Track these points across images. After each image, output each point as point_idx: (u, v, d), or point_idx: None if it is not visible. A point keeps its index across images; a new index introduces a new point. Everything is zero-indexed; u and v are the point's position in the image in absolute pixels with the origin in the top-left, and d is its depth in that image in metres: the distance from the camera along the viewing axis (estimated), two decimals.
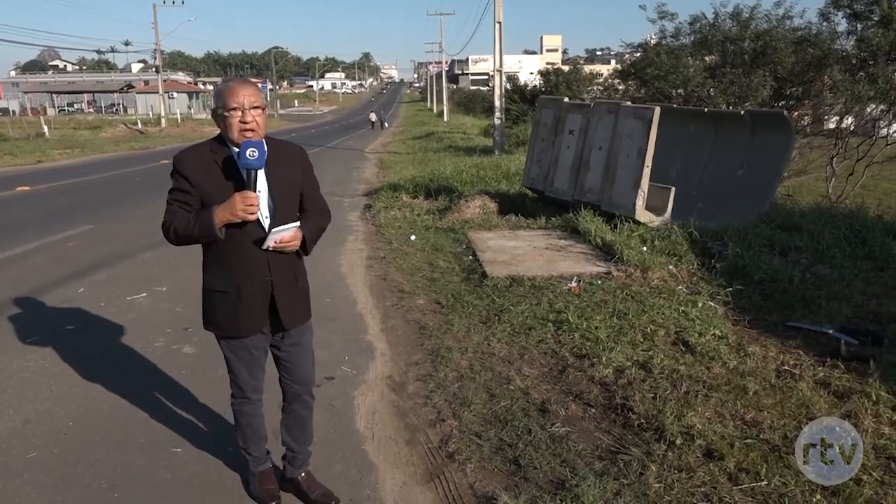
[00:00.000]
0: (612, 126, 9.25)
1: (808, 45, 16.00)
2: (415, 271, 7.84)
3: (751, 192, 9.07)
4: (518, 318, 5.80)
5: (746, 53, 16.78)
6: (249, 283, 2.90)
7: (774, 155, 9.21)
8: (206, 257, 2.96)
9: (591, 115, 9.80)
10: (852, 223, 8.23)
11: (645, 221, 8.50)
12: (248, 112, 2.74)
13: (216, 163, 2.80)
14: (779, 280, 6.42)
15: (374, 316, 6.39)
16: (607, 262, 7.33)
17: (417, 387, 4.74)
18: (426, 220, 10.99)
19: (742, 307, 5.98)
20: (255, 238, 2.85)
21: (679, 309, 5.78)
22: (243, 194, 2.73)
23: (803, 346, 5.03)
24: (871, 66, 15.20)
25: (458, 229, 9.78)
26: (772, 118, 10.14)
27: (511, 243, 8.66)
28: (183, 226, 2.77)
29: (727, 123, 10.25)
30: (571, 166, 9.99)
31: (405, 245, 9.18)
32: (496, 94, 23.51)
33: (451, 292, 6.86)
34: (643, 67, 18.98)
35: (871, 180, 18.95)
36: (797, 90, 16.73)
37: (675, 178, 9.94)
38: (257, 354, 3.07)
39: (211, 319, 3.01)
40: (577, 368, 4.80)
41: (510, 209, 10.94)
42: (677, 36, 18.47)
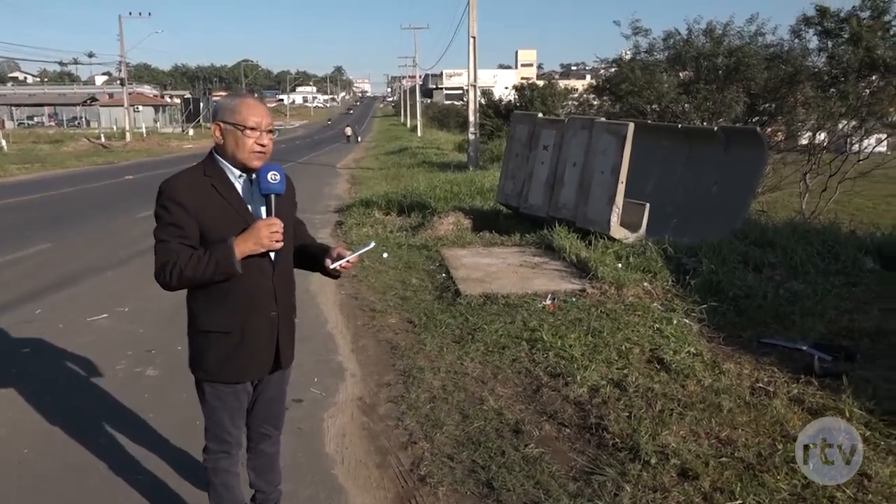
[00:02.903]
0: (586, 142, 9.37)
1: (780, 61, 16.41)
2: (387, 289, 7.82)
3: (725, 208, 9.23)
4: (492, 337, 5.82)
5: (720, 69, 17.15)
6: (256, 319, 2.68)
7: (748, 171, 9.39)
8: (199, 294, 2.65)
9: (565, 130, 9.93)
10: (825, 239, 8.41)
11: (620, 238, 8.60)
12: (265, 135, 2.60)
13: (215, 188, 2.58)
14: (753, 296, 6.54)
15: (345, 336, 6.37)
16: (582, 280, 7.39)
17: (389, 408, 4.72)
18: (399, 236, 10.99)
19: (716, 324, 6.07)
20: (264, 269, 2.66)
21: (654, 326, 5.85)
22: (268, 221, 2.54)
23: (777, 363, 5.12)
24: (842, 82, 15.61)
25: (432, 246, 9.80)
26: (745, 134, 10.36)
27: (485, 260, 8.69)
28: (193, 265, 2.48)
29: (701, 140, 10.45)
30: (546, 182, 10.08)
31: (377, 263, 9.16)
32: (470, 108, 23.68)
33: (423, 311, 6.86)
34: (618, 83, 19.27)
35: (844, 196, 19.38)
36: (770, 106, 17.11)
37: (650, 195, 10.07)
38: (243, 400, 2.82)
39: (204, 363, 2.71)
40: (551, 388, 4.83)
41: (484, 226, 10.99)
42: (651, 51, 18.83)
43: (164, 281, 2.52)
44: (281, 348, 2.79)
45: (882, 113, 16.25)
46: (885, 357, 5.28)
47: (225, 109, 2.61)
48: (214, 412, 2.80)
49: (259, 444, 3.02)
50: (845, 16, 15.57)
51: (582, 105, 25.40)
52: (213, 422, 2.82)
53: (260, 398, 2.90)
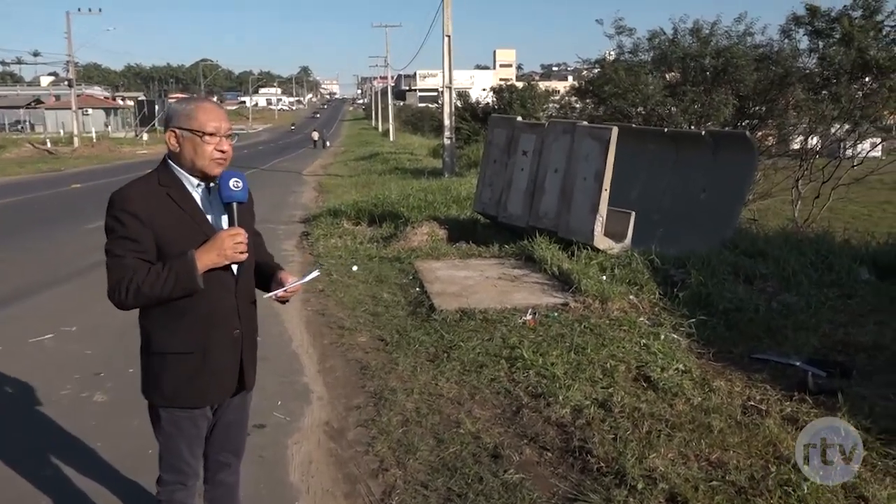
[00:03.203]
0: (568, 147, 9.44)
1: (769, 62, 16.68)
2: (356, 305, 7.80)
3: (714, 217, 9.34)
4: (469, 355, 5.82)
5: (707, 71, 17.40)
6: (218, 338, 2.67)
7: (737, 177, 9.53)
8: (153, 312, 2.61)
9: (545, 135, 10.00)
10: (819, 248, 8.54)
11: (604, 248, 8.67)
12: (225, 140, 2.60)
13: (171, 198, 2.57)
14: (744, 309, 6.62)
15: (311, 355, 6.34)
16: (564, 293, 7.43)
17: (358, 433, 4.70)
18: (369, 248, 10.98)
19: (706, 339, 6.13)
20: (227, 284, 2.66)
21: (640, 342, 5.89)
22: (232, 231, 2.54)
23: (770, 380, 5.18)
24: (834, 84, 15.93)
25: (405, 258, 9.80)
26: (734, 139, 10.52)
27: (461, 273, 8.71)
28: (151, 282, 2.46)
29: (688, 144, 10.58)
30: (525, 190, 10.14)
31: (346, 276, 9.14)
32: (446, 111, 23.79)
33: (395, 328, 6.85)
34: (601, 85, 19.46)
35: (838, 203, 19.73)
36: (760, 109, 17.38)
37: (635, 202, 10.17)
38: (202, 426, 2.77)
39: (160, 387, 2.66)
40: (532, 409, 4.83)
41: (460, 236, 11.02)
42: (636, 52, 19.03)
43: (119, 299, 2.49)
44: (245, 369, 2.77)
45: (876, 116, 16.61)
46: (881, 372, 5.37)
47: (180, 115, 2.60)
48: (170, 440, 2.75)
49: (217, 473, 2.97)
50: (836, 15, 15.89)
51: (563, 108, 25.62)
52: (168, 451, 2.77)
53: (219, 424, 2.87)
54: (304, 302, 8.01)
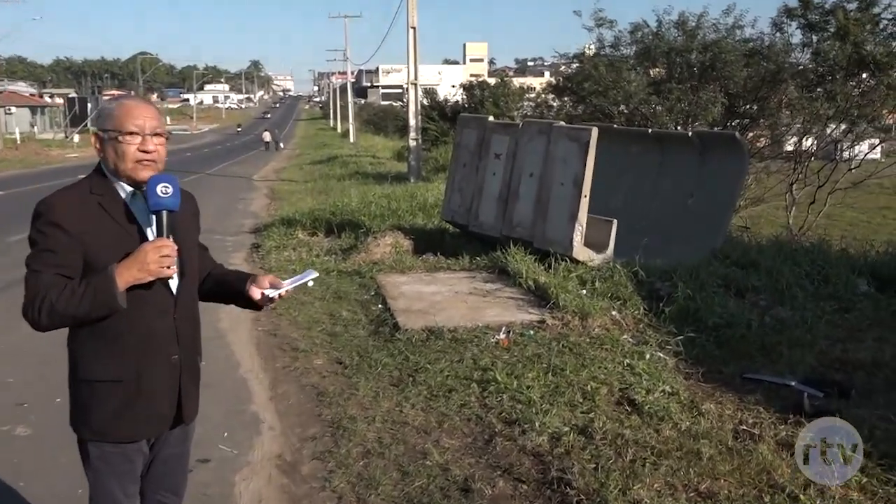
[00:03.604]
0: (544, 149, 9.51)
1: (760, 57, 16.99)
2: (312, 324, 7.77)
3: (702, 224, 9.47)
4: (436, 379, 5.82)
5: (694, 66, 17.66)
6: (154, 365, 2.62)
7: (727, 181, 9.68)
8: (81, 334, 2.58)
9: (519, 136, 10.06)
10: (814, 258, 8.71)
11: (584, 260, 8.73)
12: (150, 139, 2.56)
13: (103, 207, 2.54)
14: (735, 325, 6.71)
15: (262, 381, 6.29)
16: (541, 309, 7.46)
17: (314, 467, 4.66)
18: (327, 261, 10.93)
19: (695, 358, 6.20)
20: (164, 304, 2.62)
21: (624, 362, 5.94)
22: (156, 243, 2.48)
23: (763, 401, 5.25)
24: (829, 81, 16.26)
25: (366, 272, 9.77)
26: (723, 140, 10.69)
27: (428, 288, 8.71)
28: (66, 299, 2.41)
29: (674, 146, 10.73)
30: (498, 196, 10.19)
31: (301, 293, 9.07)
32: (411, 110, 23.83)
33: (356, 349, 6.83)
34: (580, 81, 19.66)
35: (836, 209, 20.13)
36: (751, 108, 17.68)
37: (618, 209, 10.27)
38: (137, 462, 2.73)
39: (89, 420, 2.61)
40: (506, 437, 4.84)
41: (427, 247, 11.03)
42: (617, 46, 19.26)
43: (32, 318, 2.44)
44: (184, 399, 2.73)
45: (874, 115, 16.91)
46: (881, 392, 5.48)
47: (102, 115, 2.60)
48: (101, 478, 2.70)
49: None
50: (830, 7, 16.24)
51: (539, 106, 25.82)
52: (99, 490, 2.72)
53: (157, 460, 2.82)
54: (254, 321, 7.94)
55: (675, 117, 17.48)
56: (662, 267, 8.23)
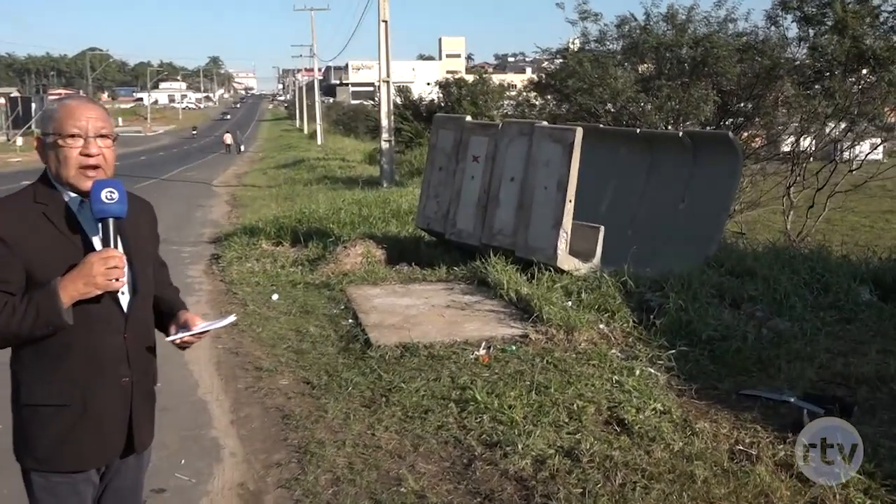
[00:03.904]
0: (525, 151, 9.55)
1: (755, 52, 17.14)
2: (277, 342, 7.74)
3: (695, 230, 9.54)
4: (411, 399, 5.81)
5: (685, 62, 17.83)
6: (102, 388, 2.59)
7: (721, 184, 9.76)
8: (23, 355, 2.56)
9: (499, 137, 10.10)
10: (814, 266, 8.78)
11: (569, 269, 8.77)
12: (93, 142, 2.54)
13: (47, 217, 2.53)
14: (730, 338, 6.76)
15: (222, 403, 6.26)
16: (524, 323, 7.48)
17: (279, 496, 4.63)
18: (293, 273, 10.89)
19: (688, 373, 6.23)
20: (113, 321, 2.59)
21: (612, 379, 5.96)
22: (103, 254, 2.45)
23: (761, 419, 5.29)
24: (827, 78, 16.46)
25: (335, 285, 9.75)
26: (716, 140, 10.78)
27: (403, 301, 8.70)
28: (7, 317, 2.40)
29: (664, 147, 10.81)
30: (477, 202, 10.21)
31: (265, 307, 9.05)
32: (383, 110, 23.82)
33: (324, 368, 6.81)
34: (563, 78, 19.78)
35: (836, 213, 20.37)
36: (745, 106, 17.84)
37: (605, 215, 10.33)
38: (85, 494, 2.68)
39: (33, 447, 2.59)
40: (486, 461, 4.84)
41: (402, 257, 11.02)
42: (602, 41, 19.39)
43: None
44: (135, 425, 2.71)
45: (874, 113, 17.09)
46: (886, 408, 5.53)
47: (45, 117, 2.60)
48: None
49: None
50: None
51: (521, 105, 25.87)
52: None
53: (108, 491, 2.80)
54: (214, 339, 7.89)
55: (665, 116, 17.61)
56: (653, 276, 8.28)
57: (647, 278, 8.25)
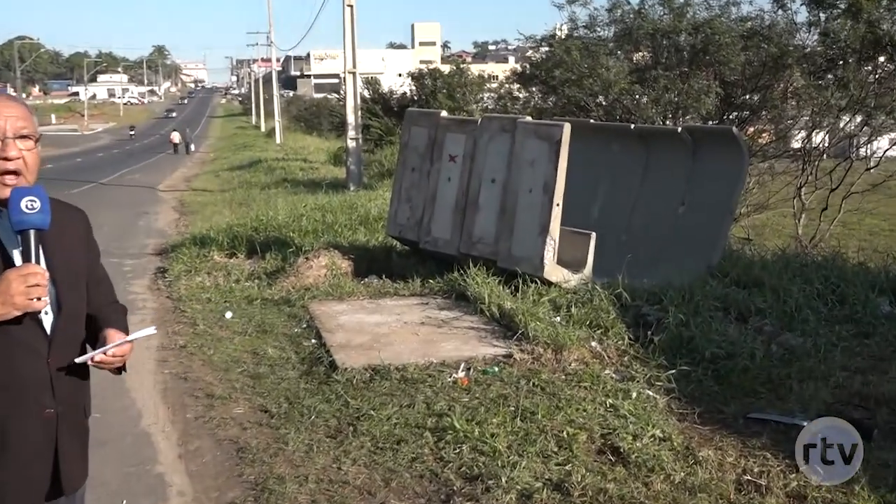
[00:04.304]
0: (507, 149, 9.57)
1: (760, 39, 17.28)
2: (231, 365, 7.69)
3: (696, 236, 9.59)
4: (382, 428, 5.79)
5: (684, 50, 17.94)
6: (21, 421, 2.55)
7: (724, 185, 9.80)
8: None
9: (478, 134, 10.11)
10: (828, 275, 8.83)
11: (557, 281, 8.78)
12: (12, 143, 2.52)
13: None
14: (736, 356, 6.77)
15: (169, 435, 6.21)
16: (507, 341, 7.48)
17: None
18: (249, 288, 10.85)
19: (690, 395, 6.26)
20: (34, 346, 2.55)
21: (606, 402, 5.97)
22: (23, 270, 2.43)
23: (770, 446, 5.30)
24: (840, 67, 16.61)
25: (296, 300, 9.71)
26: (719, 136, 10.86)
27: (372, 318, 8.69)
28: None
29: (661, 144, 10.85)
30: (454, 207, 10.21)
31: (217, 326, 9.00)
32: (349, 104, 23.80)
33: (284, 394, 6.77)
34: (550, 68, 19.83)
35: (852, 215, 20.46)
36: (751, 98, 17.99)
37: (597, 220, 10.36)
38: None
39: None
40: (466, 496, 4.83)
41: (370, 269, 11.01)
42: (593, 27, 19.50)
43: None
44: (63, 463, 2.66)
45: (893, 106, 17.23)
46: None
47: None
48: None
49: None
50: None
51: (502, 99, 25.99)
52: None
53: None
54: (160, 363, 7.85)
55: (663, 110, 17.70)
56: (650, 288, 8.31)
57: (643, 290, 8.28)
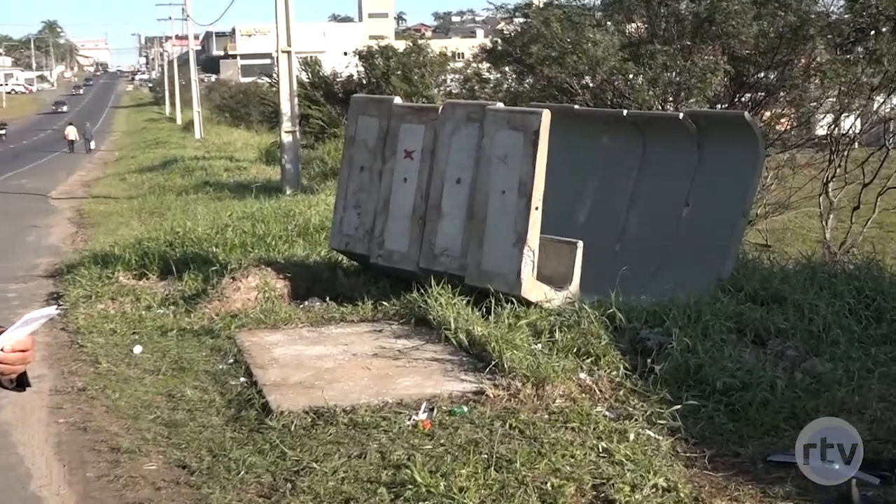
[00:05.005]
0: (475, 143, 9.56)
1: (776, 6, 17.40)
2: (141, 411, 7.62)
3: (704, 244, 9.64)
4: (327, 484, 5.78)
5: (685, 20, 18.05)
6: None
7: (736, 181, 9.87)
8: None
9: (440, 124, 10.10)
10: (861, 287, 8.91)
11: (537, 300, 8.79)
12: None
13: None
14: (754, 386, 6.79)
15: (66, 499, 6.15)
16: (478, 374, 7.47)
17: None
18: (163, 316, 10.77)
19: (699, 435, 6.27)
20: None
21: (598, 446, 5.97)
22: None
23: (796, 494, 5.34)
24: (871, 38, 16.76)
25: (221, 330, 9.65)
26: (728, 123, 10.94)
27: (314, 350, 8.66)
28: None
29: (661, 133, 10.90)
30: (412, 213, 10.18)
31: (124, 364, 8.92)
32: (283, 91, 23.73)
33: (206, 445, 6.72)
34: (526, 44, 19.88)
35: (890, 214, 20.61)
36: (766, 77, 18.09)
37: (585, 226, 10.39)
38: None
39: None
40: None
41: (312, 290, 10.99)
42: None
43: None
44: None
45: None
46: None
47: None
48: None
49: None
50: None
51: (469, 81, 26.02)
52: None
53: None
54: (53, 411, 7.77)
55: (661, 92, 17.77)
56: (649, 307, 8.34)
57: (641, 309, 8.31)
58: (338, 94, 36.49)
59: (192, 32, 68.74)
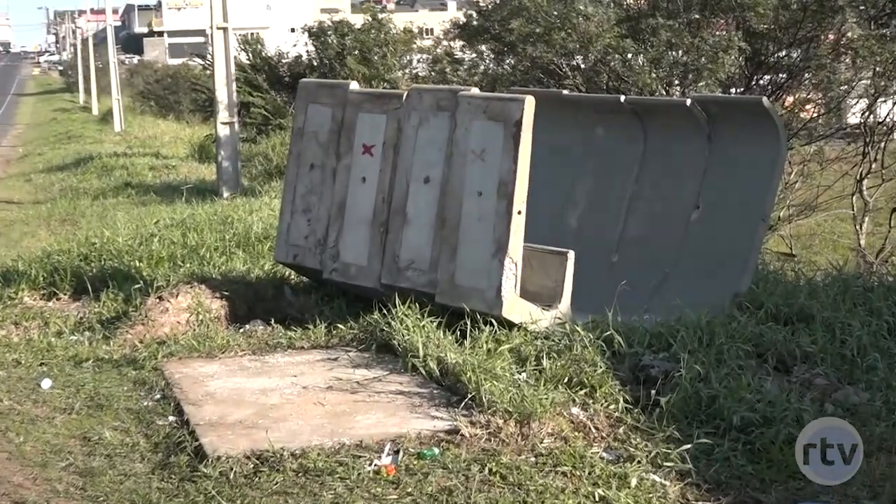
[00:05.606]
0: (446, 136, 9.55)
1: None
2: (51, 458, 7.54)
3: (716, 253, 9.68)
4: None
5: None
6: None
7: (754, 179, 9.91)
8: None
9: (404, 114, 10.09)
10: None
11: (521, 321, 8.78)
12: None
13: None
14: (777, 421, 6.80)
15: None
16: (452, 410, 7.46)
17: None
18: (76, 343, 10.67)
19: (713, 479, 6.28)
20: None
21: (594, 494, 5.97)
22: None
23: None
24: None
25: (146, 360, 9.58)
26: (744, 111, 10.96)
27: (257, 383, 8.63)
28: None
29: (665, 123, 10.93)
30: (372, 219, 10.16)
31: (29, 401, 8.85)
32: (219, 75, 23.69)
33: (129, 497, 6.66)
34: (506, 18, 19.93)
35: None
36: (788, 56, 18.21)
37: (577, 233, 10.41)
38: None
39: None
40: None
41: (254, 311, 10.98)
42: None
43: None
44: None
45: None
46: None
47: None
48: None
49: None
50: None
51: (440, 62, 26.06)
52: None
53: None
54: None
55: (666, 75, 17.87)
56: (653, 328, 8.36)
57: (644, 331, 8.33)
58: (284, 78, 36.57)
59: (110, 5, 68.61)
